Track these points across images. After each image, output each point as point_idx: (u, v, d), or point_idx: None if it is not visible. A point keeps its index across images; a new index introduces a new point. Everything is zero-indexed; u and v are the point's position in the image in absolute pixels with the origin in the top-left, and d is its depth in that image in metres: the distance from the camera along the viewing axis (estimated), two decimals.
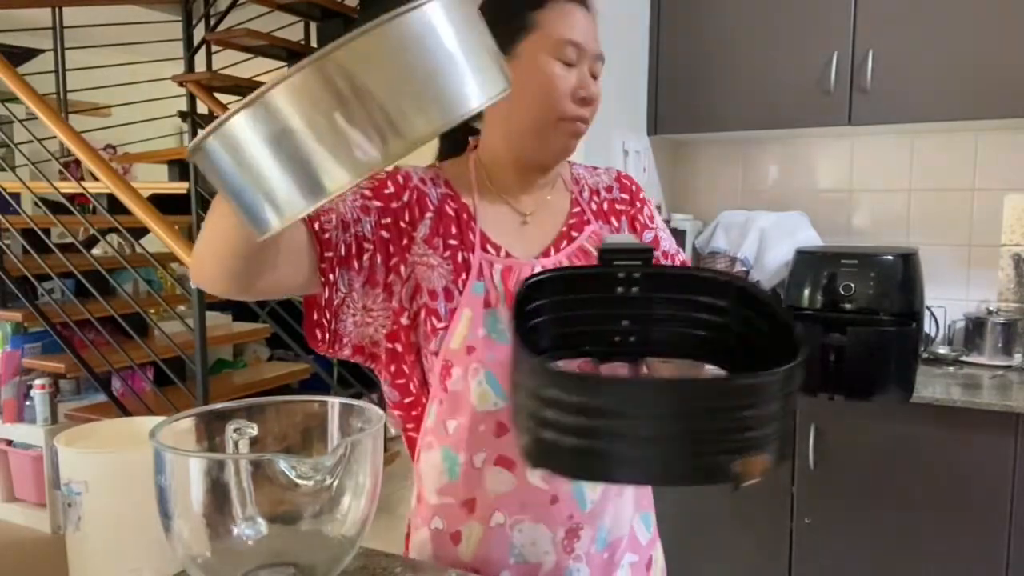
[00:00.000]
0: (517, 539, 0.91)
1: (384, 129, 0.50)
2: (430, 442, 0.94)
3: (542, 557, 0.92)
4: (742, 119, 2.27)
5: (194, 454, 0.67)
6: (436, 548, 0.94)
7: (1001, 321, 2.16)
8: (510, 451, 0.90)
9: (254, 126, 0.48)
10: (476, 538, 0.92)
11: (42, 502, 3.16)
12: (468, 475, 0.91)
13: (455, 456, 0.92)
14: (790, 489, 2.00)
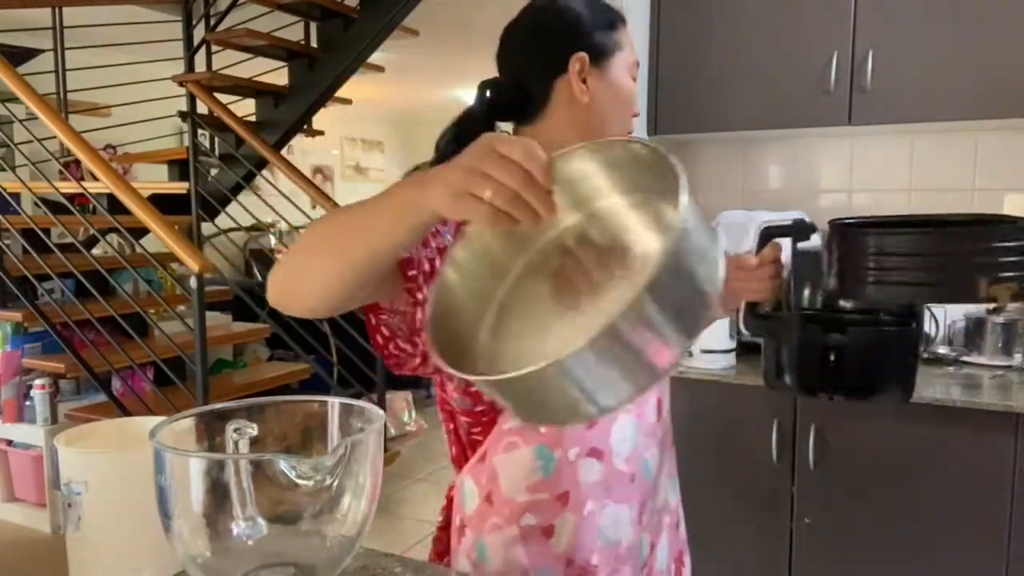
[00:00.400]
0: (603, 522, 0.97)
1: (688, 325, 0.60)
2: (513, 442, 0.95)
3: (622, 534, 0.99)
4: (742, 119, 2.27)
5: (194, 454, 0.67)
6: (527, 545, 0.95)
7: (1001, 321, 2.16)
8: (599, 441, 0.96)
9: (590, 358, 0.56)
10: (570, 529, 0.96)
11: (42, 502, 3.16)
12: (563, 469, 0.94)
13: (551, 453, 0.94)
14: (790, 489, 2.00)
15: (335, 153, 8.36)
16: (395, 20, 3.71)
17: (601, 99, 1.00)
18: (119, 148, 5.32)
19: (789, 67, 2.18)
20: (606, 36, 1.01)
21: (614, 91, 1.01)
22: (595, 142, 0.68)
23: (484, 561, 0.98)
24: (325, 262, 0.73)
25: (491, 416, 0.95)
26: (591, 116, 0.99)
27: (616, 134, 0.99)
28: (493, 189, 0.60)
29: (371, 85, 6.63)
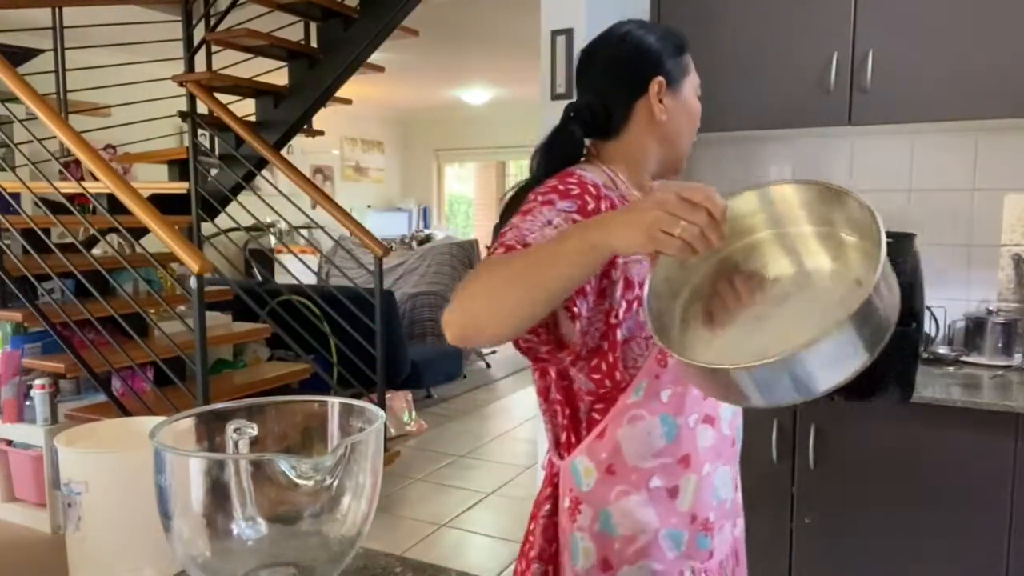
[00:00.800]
0: (717, 482, 1.10)
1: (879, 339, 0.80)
2: (638, 415, 1.05)
3: (727, 494, 1.13)
4: (742, 119, 2.27)
5: (194, 454, 0.67)
6: (656, 505, 1.06)
7: (1001, 321, 2.16)
8: (711, 409, 1.09)
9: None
10: (693, 487, 1.08)
11: (42, 502, 3.16)
12: (683, 435, 1.06)
13: (674, 420, 1.06)
14: (790, 489, 2.00)
15: (335, 153, 8.36)
16: (395, 20, 3.71)
17: (676, 117, 1.17)
18: (119, 148, 5.32)
19: (789, 67, 2.18)
20: (677, 61, 1.18)
21: (686, 109, 1.19)
22: (761, 186, 0.86)
23: (609, 529, 1.07)
24: (510, 303, 0.86)
25: (613, 394, 1.06)
26: (668, 132, 1.16)
27: (687, 147, 1.19)
28: (682, 227, 0.75)
29: (371, 85, 6.63)
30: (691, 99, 1.20)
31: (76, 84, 4.24)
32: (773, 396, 0.78)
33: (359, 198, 8.57)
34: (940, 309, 2.27)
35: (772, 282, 0.87)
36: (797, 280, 0.86)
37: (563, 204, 1.01)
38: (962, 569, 1.85)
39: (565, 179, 1.06)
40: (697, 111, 1.21)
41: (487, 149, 8.94)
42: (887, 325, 0.79)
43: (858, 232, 0.82)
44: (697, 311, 0.90)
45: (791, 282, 0.86)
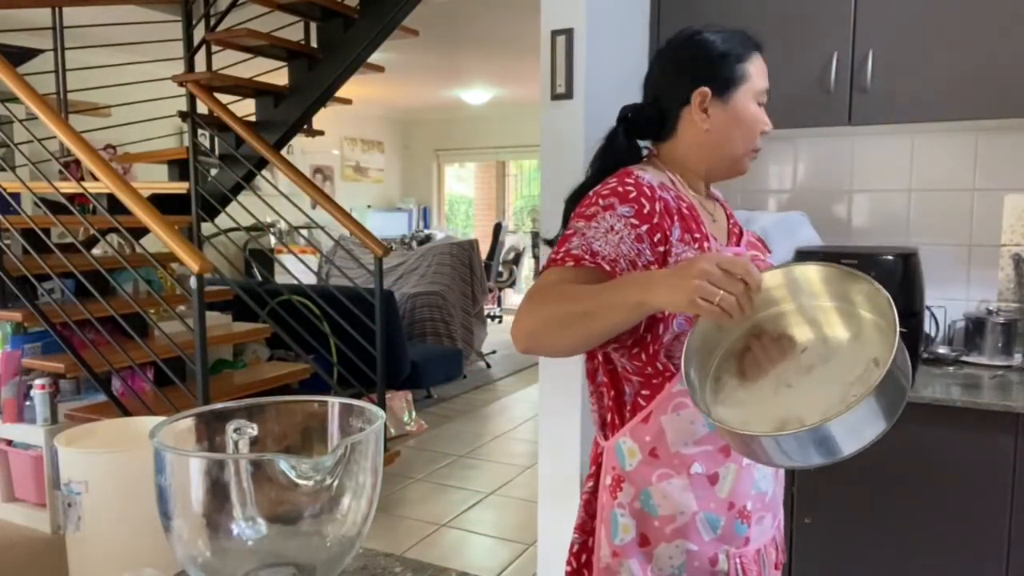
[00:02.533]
0: (757, 474, 1.13)
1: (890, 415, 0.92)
2: (683, 403, 1.10)
3: (768, 486, 1.15)
4: None
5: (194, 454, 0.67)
6: (696, 490, 1.10)
7: (1001, 321, 2.16)
8: None
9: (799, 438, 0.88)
10: (732, 476, 1.11)
11: (42, 502, 3.16)
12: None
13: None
14: (790, 489, 2.00)
15: (335, 153, 8.36)
16: (395, 20, 3.71)
17: (721, 126, 1.17)
18: (119, 148, 5.33)
19: (789, 67, 2.18)
20: (734, 69, 1.17)
21: (735, 119, 1.16)
22: (786, 265, 0.98)
23: (649, 509, 1.11)
24: (568, 337, 1.00)
25: (661, 381, 1.10)
26: (713, 141, 1.17)
27: (736, 155, 1.18)
28: (721, 296, 0.85)
29: (371, 85, 6.64)
30: (745, 108, 1.18)
31: (76, 84, 4.24)
32: (794, 460, 0.89)
33: (359, 198, 8.57)
34: (940, 309, 2.27)
35: (799, 350, 0.96)
36: (820, 351, 0.95)
37: (623, 209, 1.08)
38: (962, 569, 1.85)
39: (623, 179, 1.11)
40: (753, 119, 1.18)
41: (487, 149, 8.94)
42: (903, 396, 0.88)
43: (874, 310, 0.93)
44: (731, 367, 0.99)
45: (815, 353, 0.95)
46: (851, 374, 0.90)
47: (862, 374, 0.89)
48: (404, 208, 9.07)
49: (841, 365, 0.92)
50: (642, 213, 1.08)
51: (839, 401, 0.87)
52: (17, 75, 3.16)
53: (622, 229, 1.06)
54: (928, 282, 2.08)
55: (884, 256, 1.98)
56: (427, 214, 9.30)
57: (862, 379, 0.88)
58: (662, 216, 1.09)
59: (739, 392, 0.96)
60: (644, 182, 1.11)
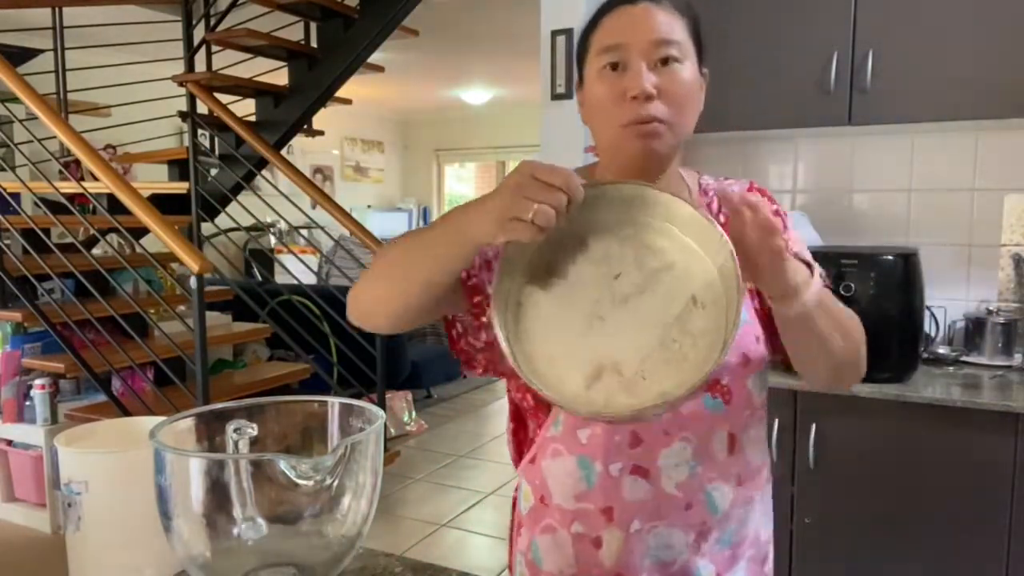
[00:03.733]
0: (652, 542, 0.95)
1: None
2: (558, 449, 0.96)
3: (675, 556, 0.96)
4: (742, 119, 2.27)
5: (194, 454, 0.67)
6: (578, 552, 0.96)
7: (1001, 321, 2.16)
8: (645, 461, 0.93)
9: None
10: (617, 544, 0.95)
11: (42, 502, 3.16)
12: (605, 484, 0.93)
13: (592, 465, 0.94)
14: (790, 489, 2.00)
15: (335, 153, 8.36)
16: (395, 20, 3.71)
17: (587, 116, 0.99)
18: (119, 148, 5.32)
19: (789, 67, 2.18)
20: (584, 43, 0.98)
21: (588, 104, 0.97)
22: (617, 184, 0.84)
23: (537, 561, 1.00)
24: (393, 286, 0.86)
25: (542, 419, 0.98)
26: (592, 130, 0.99)
27: (605, 142, 0.97)
28: (536, 210, 0.70)
29: (371, 85, 6.63)
30: (591, 88, 0.95)
31: (76, 84, 4.24)
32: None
33: (359, 198, 8.57)
34: (940, 309, 2.27)
35: (613, 275, 0.82)
36: (636, 279, 0.82)
37: None
38: (962, 569, 1.85)
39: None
40: (600, 100, 0.93)
41: (487, 149, 8.94)
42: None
43: (700, 239, 0.81)
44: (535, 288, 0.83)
45: (630, 281, 0.82)
46: (668, 312, 0.79)
47: (680, 313, 0.78)
48: (404, 208, 9.07)
49: (658, 299, 0.80)
50: None
51: (658, 345, 0.77)
52: (17, 75, 3.16)
53: None
54: (928, 282, 2.08)
55: (884, 256, 1.98)
56: (427, 214, 9.29)
57: (681, 321, 0.78)
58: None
59: (545, 319, 0.81)
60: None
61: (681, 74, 0.94)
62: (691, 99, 0.97)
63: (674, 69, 0.93)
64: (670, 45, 0.93)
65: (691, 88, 0.96)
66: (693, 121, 1.00)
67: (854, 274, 1.95)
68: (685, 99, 0.95)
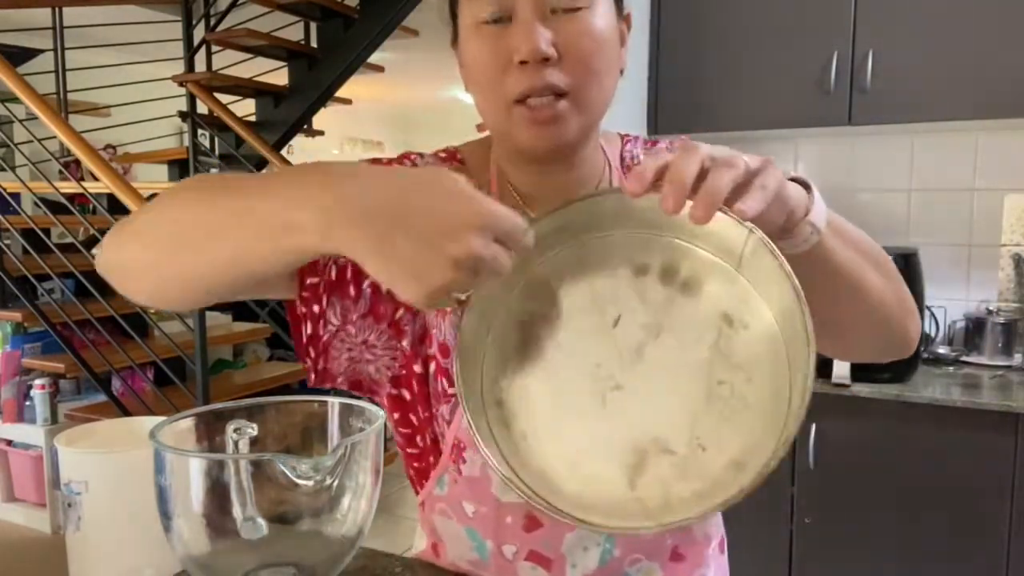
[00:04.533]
0: None
1: None
2: (446, 510, 0.81)
3: None
4: (742, 119, 2.27)
5: (194, 454, 0.67)
6: None
7: (1001, 321, 2.16)
8: (544, 547, 0.75)
9: None
10: None
11: (42, 502, 3.16)
12: (500, 565, 0.78)
13: (483, 541, 0.78)
14: (790, 489, 2.00)
15: (335, 153, 8.36)
16: (395, 20, 3.71)
17: (467, 83, 0.73)
18: (119, 148, 5.32)
19: (789, 67, 2.18)
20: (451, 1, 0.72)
21: (466, 69, 0.71)
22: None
23: None
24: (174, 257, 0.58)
25: (425, 465, 0.80)
26: (476, 103, 0.72)
27: (491, 124, 0.72)
28: (463, 279, 0.48)
29: (371, 85, 6.63)
30: (465, 44, 0.70)
31: (76, 84, 4.25)
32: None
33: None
34: (940, 309, 2.27)
35: (611, 322, 0.61)
36: (642, 318, 0.60)
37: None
38: (962, 569, 1.85)
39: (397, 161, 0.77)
40: (478, 66, 0.68)
41: None
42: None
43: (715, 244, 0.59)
44: (510, 375, 0.61)
45: (636, 323, 0.60)
46: (702, 346, 0.58)
47: (716, 343, 0.57)
48: None
49: (682, 334, 0.58)
50: None
51: (704, 397, 0.56)
52: (17, 75, 3.16)
53: None
54: (928, 282, 2.08)
55: None
56: None
57: (720, 353, 0.56)
58: None
59: (543, 415, 0.60)
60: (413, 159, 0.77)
61: (588, 23, 0.66)
62: (605, 56, 0.68)
63: (579, 17, 0.66)
64: None
65: (603, 41, 0.68)
66: (611, 87, 0.71)
67: None
68: (595, 57, 0.67)
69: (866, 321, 0.71)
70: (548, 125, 0.67)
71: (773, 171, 0.57)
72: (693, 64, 2.31)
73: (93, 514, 2.39)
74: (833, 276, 0.66)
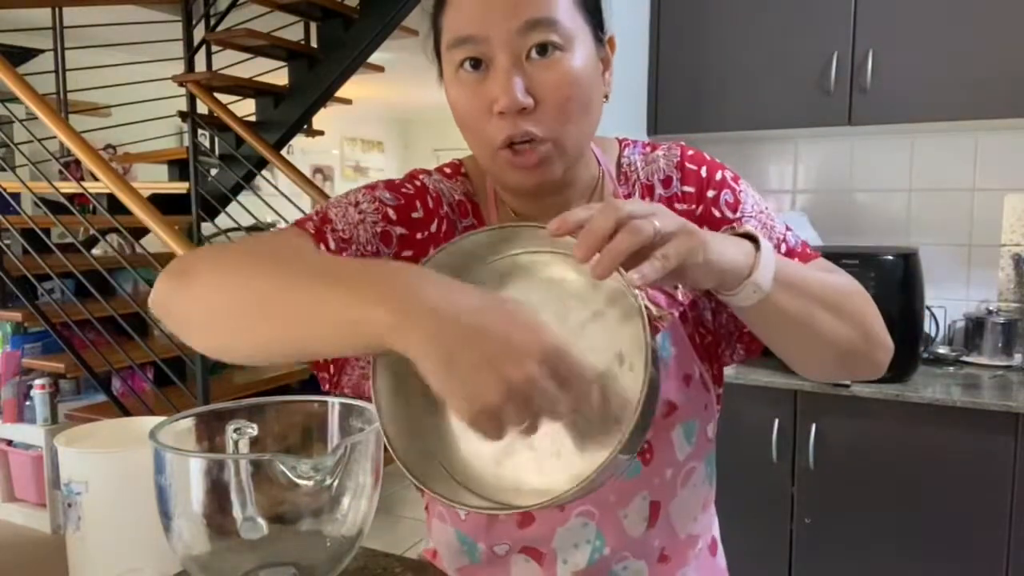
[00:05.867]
0: None
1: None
2: (442, 513, 0.83)
3: None
4: (742, 119, 2.27)
5: (194, 454, 0.67)
6: None
7: (1001, 321, 2.16)
8: (536, 543, 0.79)
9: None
10: None
11: (42, 502, 3.16)
12: (492, 562, 0.81)
13: (473, 543, 0.81)
14: (790, 489, 2.00)
15: (335, 153, 8.36)
16: (395, 20, 3.71)
17: (456, 121, 0.74)
18: (119, 148, 5.32)
19: (789, 67, 2.18)
20: (435, 28, 0.73)
21: (452, 109, 0.72)
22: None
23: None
24: (242, 330, 0.62)
25: None
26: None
27: (483, 156, 0.73)
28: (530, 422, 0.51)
29: (371, 85, 6.63)
30: (449, 88, 0.72)
31: (76, 84, 4.25)
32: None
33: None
34: (940, 309, 2.27)
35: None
36: (562, 335, 0.63)
37: (384, 193, 0.76)
38: (962, 569, 1.85)
39: (407, 178, 0.82)
40: (460, 111, 0.71)
41: None
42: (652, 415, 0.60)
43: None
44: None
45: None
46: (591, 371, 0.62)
47: (603, 374, 0.62)
48: None
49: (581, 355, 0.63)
50: (408, 216, 0.76)
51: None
52: (17, 75, 3.16)
53: (369, 211, 0.74)
54: (928, 282, 2.08)
55: (884, 256, 1.98)
56: None
57: (602, 382, 0.61)
58: (432, 240, 0.76)
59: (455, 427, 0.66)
60: (431, 189, 0.80)
61: (565, 68, 0.67)
62: (583, 97, 0.69)
63: (555, 62, 0.67)
64: (546, 27, 0.66)
65: (582, 83, 0.69)
66: (595, 119, 0.73)
67: (854, 274, 1.92)
68: (572, 102, 0.68)
69: (818, 358, 0.74)
70: (533, 168, 0.69)
71: (686, 239, 0.58)
72: (693, 64, 2.31)
73: (93, 514, 2.40)
74: (779, 325, 0.69)
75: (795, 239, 0.80)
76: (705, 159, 0.82)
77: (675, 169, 0.80)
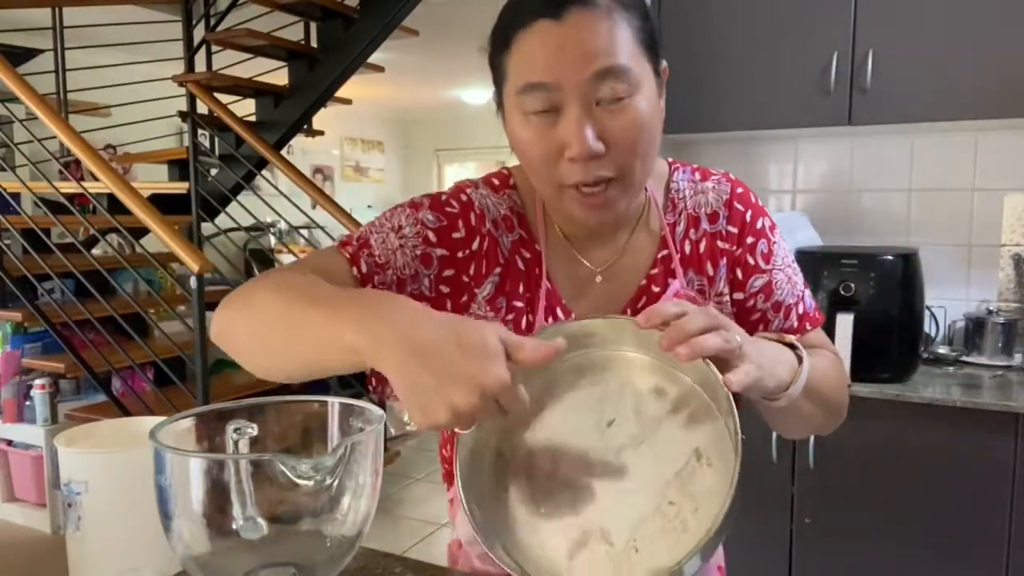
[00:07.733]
0: None
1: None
2: (462, 517, 0.88)
3: None
4: (742, 119, 2.27)
5: (194, 454, 0.67)
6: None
7: (1001, 321, 2.16)
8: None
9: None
10: None
11: (42, 502, 3.16)
12: None
13: None
14: (790, 489, 2.00)
15: (335, 153, 8.36)
16: (395, 20, 3.71)
17: (516, 154, 0.77)
18: (119, 148, 5.32)
19: (789, 67, 2.18)
20: (496, 63, 0.75)
21: (515, 147, 0.75)
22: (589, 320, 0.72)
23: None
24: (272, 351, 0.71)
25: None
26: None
27: (549, 191, 0.76)
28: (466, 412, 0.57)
29: (371, 85, 6.63)
30: (512, 129, 0.74)
31: (76, 84, 4.25)
32: None
33: (359, 198, 8.57)
34: (940, 309, 2.27)
35: (606, 422, 0.70)
36: (632, 428, 0.69)
37: (427, 215, 0.79)
38: (962, 569, 1.85)
39: (453, 193, 0.84)
40: (528, 153, 0.73)
41: (487, 149, 8.92)
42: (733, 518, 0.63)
43: (700, 379, 0.68)
44: (512, 479, 0.71)
45: (625, 431, 0.69)
46: (669, 468, 0.67)
47: (681, 470, 0.66)
48: None
49: (657, 451, 0.68)
50: (448, 237, 0.79)
51: (654, 511, 0.65)
52: (17, 75, 3.16)
53: (410, 235, 0.78)
54: (928, 282, 2.08)
55: (884, 256, 1.98)
56: None
57: (682, 480, 0.65)
58: (475, 257, 0.79)
59: (534, 498, 0.69)
60: (476, 206, 0.81)
61: (635, 112, 0.70)
62: (650, 136, 0.73)
63: (625, 108, 0.70)
64: (616, 75, 0.69)
65: (649, 124, 0.72)
66: (654, 158, 0.76)
67: (854, 274, 1.95)
68: (641, 143, 0.71)
69: (799, 434, 0.91)
70: (599, 208, 0.73)
71: (756, 369, 0.65)
72: (693, 64, 2.30)
73: (93, 514, 2.39)
74: (784, 416, 0.78)
75: (810, 301, 0.87)
76: (751, 201, 0.86)
77: (723, 207, 0.84)
